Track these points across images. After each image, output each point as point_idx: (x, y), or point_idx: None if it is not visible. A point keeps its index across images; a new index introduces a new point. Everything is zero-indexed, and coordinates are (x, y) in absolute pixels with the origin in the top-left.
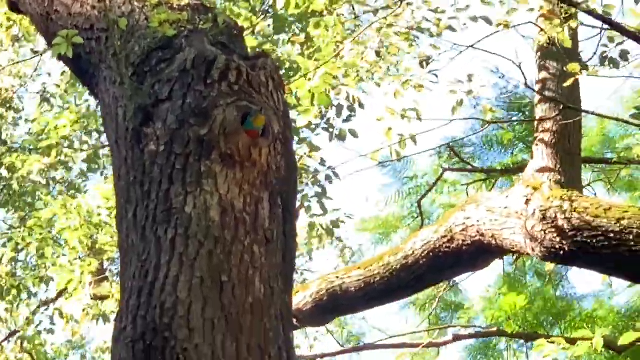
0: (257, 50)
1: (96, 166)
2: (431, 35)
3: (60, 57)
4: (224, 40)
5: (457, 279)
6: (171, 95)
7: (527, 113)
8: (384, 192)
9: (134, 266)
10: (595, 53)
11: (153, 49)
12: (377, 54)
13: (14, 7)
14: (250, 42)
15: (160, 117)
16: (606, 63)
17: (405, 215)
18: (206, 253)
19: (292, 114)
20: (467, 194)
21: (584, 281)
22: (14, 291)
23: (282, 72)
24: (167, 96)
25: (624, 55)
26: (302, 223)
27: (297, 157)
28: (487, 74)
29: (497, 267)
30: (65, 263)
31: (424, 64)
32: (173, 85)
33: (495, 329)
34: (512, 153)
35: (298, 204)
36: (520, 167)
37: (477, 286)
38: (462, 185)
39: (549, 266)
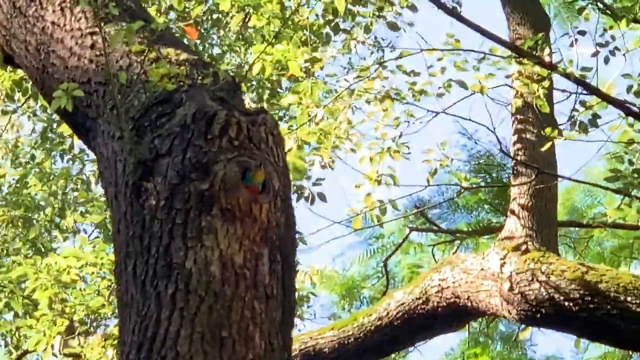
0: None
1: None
2: (403, 101)
3: (57, 111)
4: (223, 95)
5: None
6: (171, 149)
7: (494, 175)
8: (350, 251)
9: (133, 321)
10: (570, 117)
11: (153, 103)
12: (349, 122)
13: (9, 60)
14: None
15: (160, 172)
16: (576, 128)
17: (370, 274)
18: (207, 308)
19: None
20: (433, 255)
21: (547, 342)
22: None
23: None
24: (167, 151)
25: (594, 120)
26: None
27: None
28: (460, 137)
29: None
30: (34, 322)
31: (396, 138)
32: (173, 139)
33: None
34: (477, 215)
35: None
36: (486, 229)
37: (434, 349)
38: (429, 246)
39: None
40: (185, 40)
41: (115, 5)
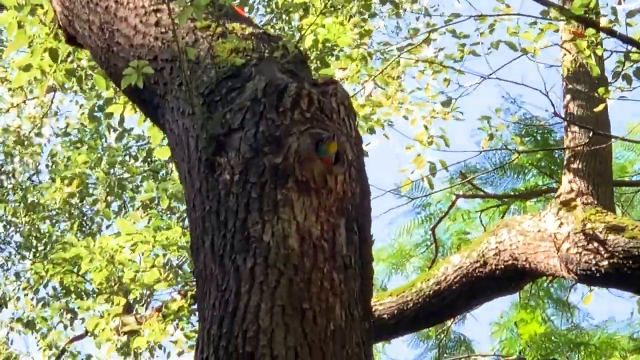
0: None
1: (118, 199)
2: (455, 61)
3: (125, 89)
4: (292, 68)
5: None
6: (243, 124)
7: (541, 138)
8: (398, 219)
9: (213, 296)
10: (615, 71)
11: (222, 78)
12: (401, 89)
13: (72, 40)
14: None
15: (233, 146)
16: (620, 79)
17: (418, 243)
18: (286, 281)
19: None
20: (481, 221)
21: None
22: (44, 324)
23: None
24: (239, 125)
25: (638, 72)
26: None
27: None
28: (506, 101)
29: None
30: (90, 303)
31: (446, 104)
32: (245, 114)
33: (515, 356)
34: (524, 179)
35: None
36: (534, 192)
37: (486, 313)
38: (476, 212)
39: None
40: None
41: None
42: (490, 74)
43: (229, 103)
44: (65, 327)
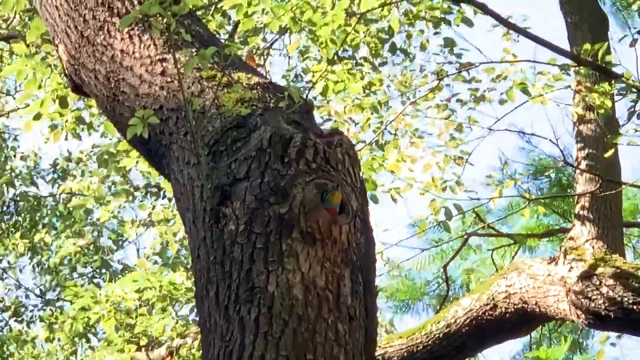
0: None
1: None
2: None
3: (130, 139)
4: (298, 118)
5: None
6: (248, 174)
7: (554, 179)
8: (409, 256)
9: (217, 346)
10: (628, 119)
11: (227, 128)
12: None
13: (78, 89)
14: None
15: (238, 197)
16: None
17: (430, 280)
18: (291, 331)
19: None
20: (492, 260)
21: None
22: None
23: None
24: (244, 175)
25: None
26: None
27: None
28: (519, 140)
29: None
30: (102, 354)
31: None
32: (250, 164)
33: None
34: (536, 218)
35: None
36: (546, 233)
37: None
38: (488, 250)
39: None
40: None
41: (186, 32)
42: (496, 122)
43: (234, 153)
44: None
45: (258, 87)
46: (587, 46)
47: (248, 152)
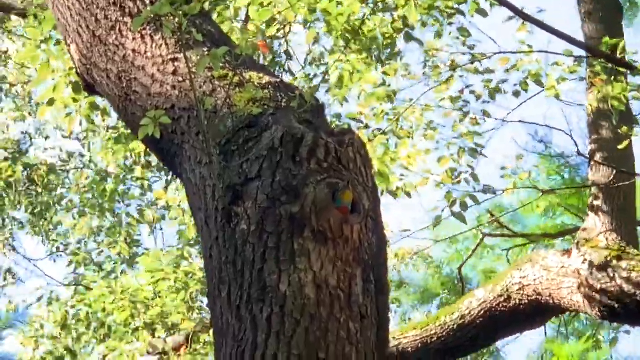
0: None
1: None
2: (483, 101)
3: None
4: (309, 118)
5: (498, 343)
6: (260, 173)
7: (567, 177)
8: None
9: (229, 346)
10: None
11: (239, 128)
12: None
13: (90, 88)
14: None
15: (250, 196)
16: None
17: (445, 281)
18: (303, 331)
19: None
20: (508, 259)
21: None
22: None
23: None
24: (256, 175)
25: None
26: None
27: None
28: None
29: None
30: (117, 344)
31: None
32: (262, 163)
33: None
34: (551, 217)
35: None
36: (561, 233)
37: (517, 351)
38: (503, 250)
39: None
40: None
41: (197, 32)
42: (509, 113)
43: (246, 153)
44: None
45: (269, 87)
46: (606, 39)
47: (260, 151)
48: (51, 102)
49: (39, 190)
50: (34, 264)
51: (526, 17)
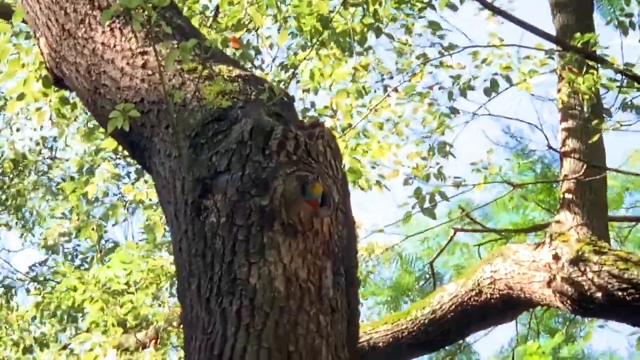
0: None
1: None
2: (452, 99)
3: (111, 132)
4: (279, 110)
5: (469, 339)
6: (229, 166)
7: (539, 171)
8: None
9: (199, 339)
10: (614, 105)
11: (208, 121)
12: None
13: (59, 82)
14: None
15: (219, 189)
16: (629, 110)
17: (417, 277)
18: (272, 324)
19: None
20: (479, 255)
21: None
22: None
23: None
24: (225, 168)
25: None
26: None
27: None
28: (504, 133)
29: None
30: (87, 336)
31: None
32: (231, 156)
33: None
34: (524, 213)
35: None
36: (533, 228)
37: (488, 347)
38: (474, 245)
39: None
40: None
41: (167, 25)
42: (480, 107)
43: (215, 145)
44: None
45: (239, 80)
46: (578, 35)
47: (229, 144)
48: (21, 97)
49: (9, 179)
50: None
51: (496, 10)
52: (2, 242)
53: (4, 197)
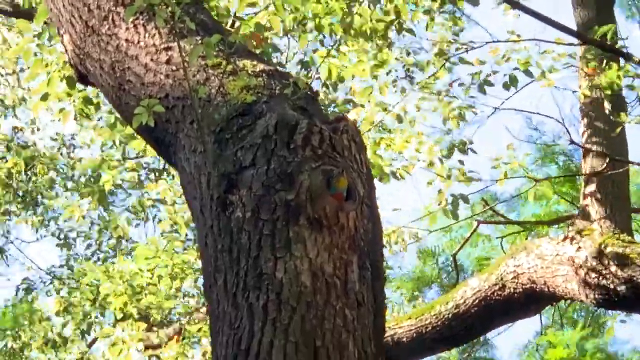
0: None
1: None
2: (470, 96)
3: (136, 127)
4: (303, 105)
5: (488, 334)
6: (255, 161)
7: (561, 164)
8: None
9: (225, 334)
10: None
11: (233, 116)
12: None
13: (83, 79)
14: None
15: (245, 184)
16: None
17: (440, 268)
18: (299, 318)
19: None
20: (502, 247)
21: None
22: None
23: None
24: (250, 162)
25: None
26: None
27: None
28: (526, 127)
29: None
30: (111, 331)
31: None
32: (256, 151)
33: None
34: (545, 205)
35: None
36: (555, 220)
37: (508, 341)
38: (497, 238)
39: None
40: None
41: (190, 20)
42: (502, 103)
43: (240, 140)
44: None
45: (263, 74)
46: (597, 29)
47: (254, 139)
48: (45, 97)
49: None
50: (17, 247)
51: (516, 5)
52: (17, 234)
53: (20, 193)
